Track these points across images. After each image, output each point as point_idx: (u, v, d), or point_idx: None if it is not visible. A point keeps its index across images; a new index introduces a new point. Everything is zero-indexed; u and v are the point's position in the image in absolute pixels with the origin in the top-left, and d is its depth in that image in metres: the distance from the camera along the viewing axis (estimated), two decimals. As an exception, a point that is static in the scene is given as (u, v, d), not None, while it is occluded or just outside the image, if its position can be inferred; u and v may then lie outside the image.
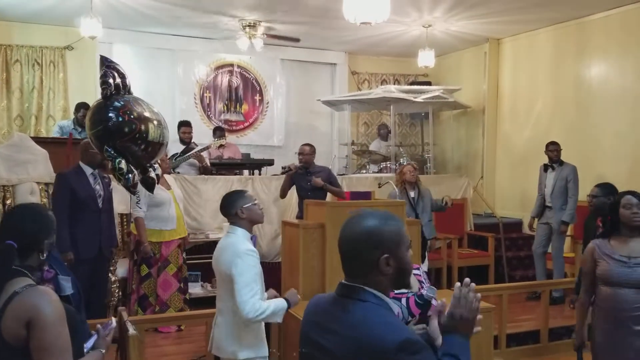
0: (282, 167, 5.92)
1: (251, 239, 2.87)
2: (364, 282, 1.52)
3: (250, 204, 2.88)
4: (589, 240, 3.28)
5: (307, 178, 5.59)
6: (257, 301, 2.66)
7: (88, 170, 4.36)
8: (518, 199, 7.67)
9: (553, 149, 6.17)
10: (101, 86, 2.60)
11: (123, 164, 2.56)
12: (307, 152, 5.62)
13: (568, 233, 6.58)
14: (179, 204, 5.00)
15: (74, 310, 2.06)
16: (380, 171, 7.77)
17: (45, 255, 1.92)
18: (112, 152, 2.55)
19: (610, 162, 6.50)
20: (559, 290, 6.05)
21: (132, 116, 2.59)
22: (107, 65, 2.62)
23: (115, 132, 2.58)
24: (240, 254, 2.72)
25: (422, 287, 2.58)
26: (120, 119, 2.57)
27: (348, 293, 1.53)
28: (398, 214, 4.45)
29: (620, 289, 2.91)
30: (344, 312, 1.50)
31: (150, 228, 4.80)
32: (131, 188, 2.65)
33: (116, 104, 2.60)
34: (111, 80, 2.57)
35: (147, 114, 2.66)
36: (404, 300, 2.34)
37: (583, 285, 3.20)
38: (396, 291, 2.47)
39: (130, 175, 2.57)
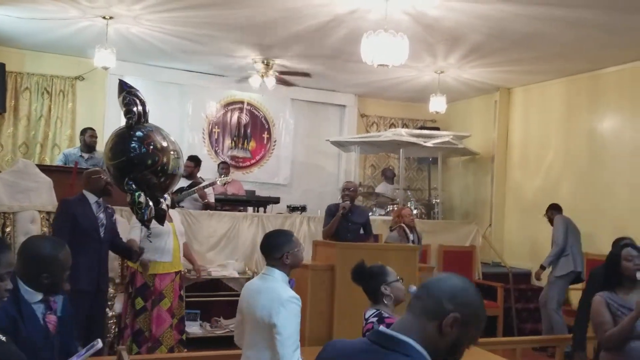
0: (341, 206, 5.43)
1: (289, 282, 2.69)
2: (416, 336, 1.35)
3: (296, 250, 2.71)
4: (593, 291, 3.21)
5: (347, 219, 5.15)
6: (299, 356, 2.51)
7: (92, 199, 4.19)
8: (527, 249, 7.51)
9: (545, 213, 6.32)
10: (125, 115, 2.50)
11: (142, 198, 2.45)
12: (354, 189, 5.32)
13: (580, 287, 6.43)
14: (179, 238, 4.82)
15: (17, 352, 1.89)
16: (386, 214, 7.64)
17: None
18: (133, 186, 2.44)
19: (625, 215, 6.38)
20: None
21: (155, 147, 2.49)
22: (128, 91, 2.53)
23: (138, 164, 2.48)
24: (284, 302, 2.53)
25: None
26: (144, 150, 2.47)
27: (388, 343, 1.36)
28: (411, 258, 4.35)
29: None
30: None
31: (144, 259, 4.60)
32: (146, 222, 2.53)
33: (139, 133, 2.49)
34: (135, 109, 2.48)
35: (166, 145, 2.57)
36: None
37: (601, 340, 3.03)
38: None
39: (147, 209, 2.45)
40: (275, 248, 2.69)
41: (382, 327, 1.42)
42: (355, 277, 2.82)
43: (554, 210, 6.28)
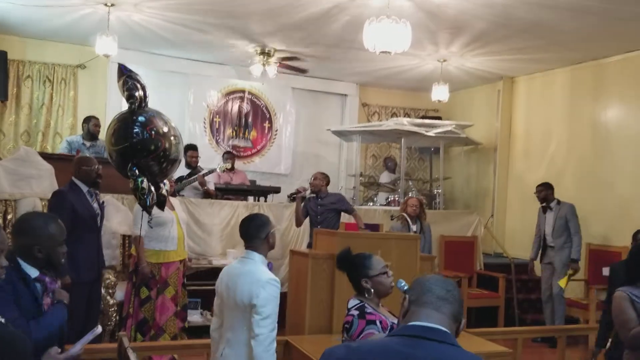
0: (288, 196, 5.86)
1: (267, 265, 2.74)
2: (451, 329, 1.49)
3: (274, 230, 2.83)
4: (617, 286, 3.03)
5: (316, 203, 5.59)
6: (273, 340, 2.56)
7: (84, 188, 4.16)
8: (528, 240, 7.44)
9: (540, 189, 6.23)
10: (128, 100, 2.49)
11: (145, 184, 2.45)
12: (317, 178, 5.67)
13: (581, 277, 6.42)
14: (182, 226, 4.81)
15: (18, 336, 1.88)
16: (387, 204, 7.63)
17: None
18: (136, 171, 2.43)
19: (627, 206, 6.35)
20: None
21: (158, 133, 2.48)
22: (129, 76, 2.51)
23: (141, 149, 2.48)
24: (263, 284, 2.61)
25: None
26: (147, 136, 2.47)
27: (435, 335, 1.43)
28: (412, 248, 4.34)
29: None
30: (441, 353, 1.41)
31: (150, 248, 4.54)
32: (149, 208, 2.53)
33: (141, 118, 2.49)
34: (137, 93, 2.47)
35: (167, 130, 2.56)
36: (378, 323, 2.47)
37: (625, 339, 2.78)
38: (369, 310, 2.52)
39: (149, 195, 2.45)
40: (261, 228, 2.76)
41: (420, 322, 1.47)
42: (338, 264, 2.80)
43: (548, 189, 6.20)
